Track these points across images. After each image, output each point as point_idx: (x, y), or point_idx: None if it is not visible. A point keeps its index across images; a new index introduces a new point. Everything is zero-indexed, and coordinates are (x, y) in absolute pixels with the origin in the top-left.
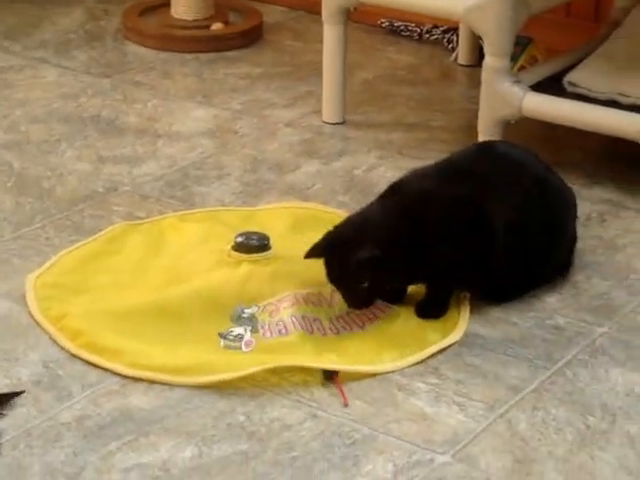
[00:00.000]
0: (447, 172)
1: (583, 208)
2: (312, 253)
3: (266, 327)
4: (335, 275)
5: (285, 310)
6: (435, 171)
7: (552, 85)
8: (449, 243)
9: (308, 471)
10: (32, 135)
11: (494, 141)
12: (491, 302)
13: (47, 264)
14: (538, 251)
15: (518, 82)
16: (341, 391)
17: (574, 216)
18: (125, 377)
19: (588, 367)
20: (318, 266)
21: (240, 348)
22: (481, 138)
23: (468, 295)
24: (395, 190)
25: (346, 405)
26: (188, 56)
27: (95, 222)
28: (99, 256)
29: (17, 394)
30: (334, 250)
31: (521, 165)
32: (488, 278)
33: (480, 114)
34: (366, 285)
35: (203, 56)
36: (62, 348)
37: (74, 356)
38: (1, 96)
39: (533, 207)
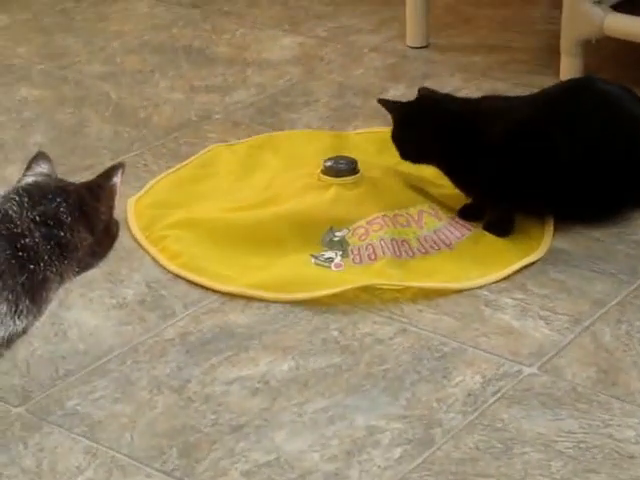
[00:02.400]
0: (533, 100)
1: None
2: (423, 91)
3: (356, 252)
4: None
5: (375, 233)
6: (524, 98)
7: (633, 4)
8: (505, 162)
9: (400, 382)
10: (127, 66)
11: (590, 77)
12: (574, 220)
13: (145, 188)
14: (622, 186)
15: (599, 2)
16: None
17: None
18: (224, 295)
19: None
20: (405, 188)
21: (329, 269)
22: (563, 58)
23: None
24: (484, 99)
25: None
26: None
27: (190, 149)
28: (194, 177)
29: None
30: (421, 102)
31: (613, 100)
32: (561, 203)
33: (562, 34)
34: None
35: None
36: (163, 269)
37: (175, 276)
38: (97, 29)
39: (619, 142)
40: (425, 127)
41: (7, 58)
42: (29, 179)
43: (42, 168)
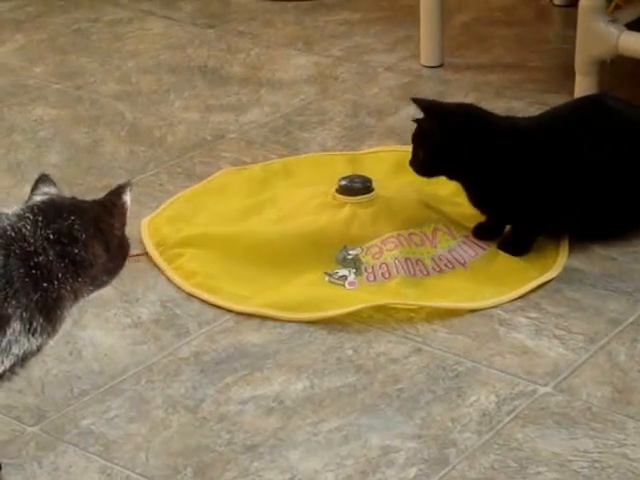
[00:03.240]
0: (545, 120)
1: None
2: (419, 102)
3: (370, 270)
4: (413, 133)
5: (389, 252)
6: (537, 117)
7: None
8: (521, 184)
9: (414, 402)
10: (142, 86)
11: (602, 94)
12: (590, 239)
13: (159, 208)
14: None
15: (614, 21)
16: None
17: None
18: (238, 314)
19: None
20: (420, 207)
21: (343, 287)
22: (578, 78)
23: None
24: (507, 119)
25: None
26: (289, 4)
27: (205, 168)
28: (208, 197)
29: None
30: (430, 112)
31: (626, 118)
32: (579, 222)
33: (577, 54)
34: (421, 154)
35: (303, 4)
36: (178, 288)
37: (190, 295)
38: (112, 48)
39: (630, 159)
40: (465, 142)
41: (23, 78)
42: (42, 197)
43: (49, 189)
